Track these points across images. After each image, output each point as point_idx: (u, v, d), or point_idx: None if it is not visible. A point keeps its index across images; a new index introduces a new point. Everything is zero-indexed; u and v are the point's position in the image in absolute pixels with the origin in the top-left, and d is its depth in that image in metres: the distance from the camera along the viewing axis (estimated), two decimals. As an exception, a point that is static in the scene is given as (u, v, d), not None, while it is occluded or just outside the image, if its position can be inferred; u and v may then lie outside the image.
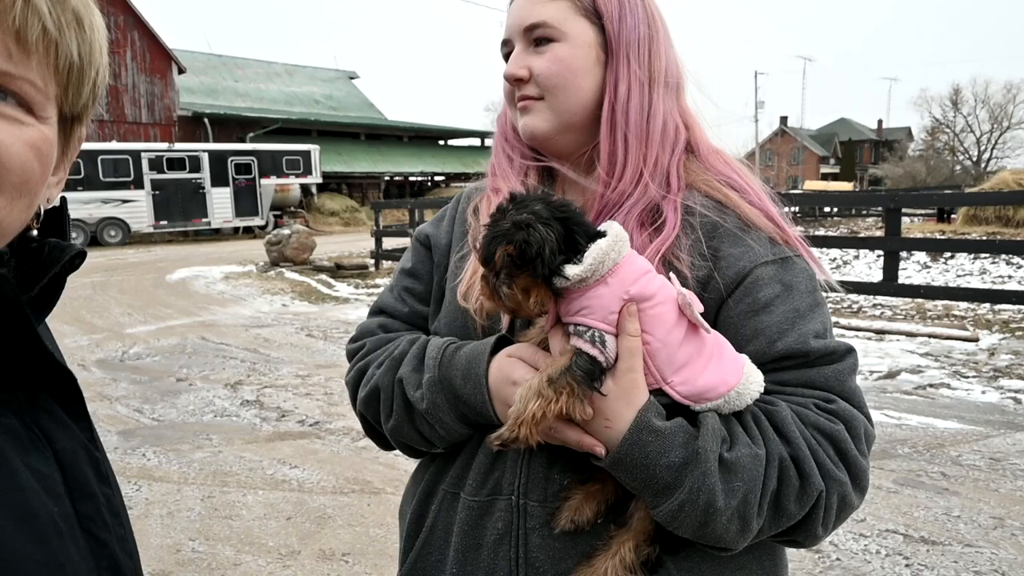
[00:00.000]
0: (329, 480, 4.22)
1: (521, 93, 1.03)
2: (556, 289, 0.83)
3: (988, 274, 11.82)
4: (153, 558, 3.33)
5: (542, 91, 1.02)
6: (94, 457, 0.65)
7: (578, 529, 0.91)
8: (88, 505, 0.61)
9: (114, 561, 0.62)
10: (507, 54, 1.06)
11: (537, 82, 1.01)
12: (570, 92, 1.01)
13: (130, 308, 10.81)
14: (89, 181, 23.18)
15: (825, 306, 0.97)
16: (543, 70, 1.01)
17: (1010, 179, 17.68)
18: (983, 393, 5.60)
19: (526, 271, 0.81)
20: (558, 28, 1.00)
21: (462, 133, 42.66)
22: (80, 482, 0.61)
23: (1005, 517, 3.53)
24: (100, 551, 0.61)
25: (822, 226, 23.81)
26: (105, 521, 0.62)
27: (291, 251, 15.72)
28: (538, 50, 1.01)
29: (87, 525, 0.60)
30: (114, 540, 0.63)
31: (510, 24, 1.04)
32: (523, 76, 1.02)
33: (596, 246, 0.81)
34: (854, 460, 0.87)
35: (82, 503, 0.61)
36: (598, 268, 0.81)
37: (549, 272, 0.81)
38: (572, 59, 1.00)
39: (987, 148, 63.19)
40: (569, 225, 0.82)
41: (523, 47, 1.02)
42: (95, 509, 0.62)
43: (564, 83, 1.00)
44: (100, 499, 0.63)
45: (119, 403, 5.86)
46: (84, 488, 0.62)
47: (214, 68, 39.00)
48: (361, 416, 1.09)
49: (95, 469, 0.64)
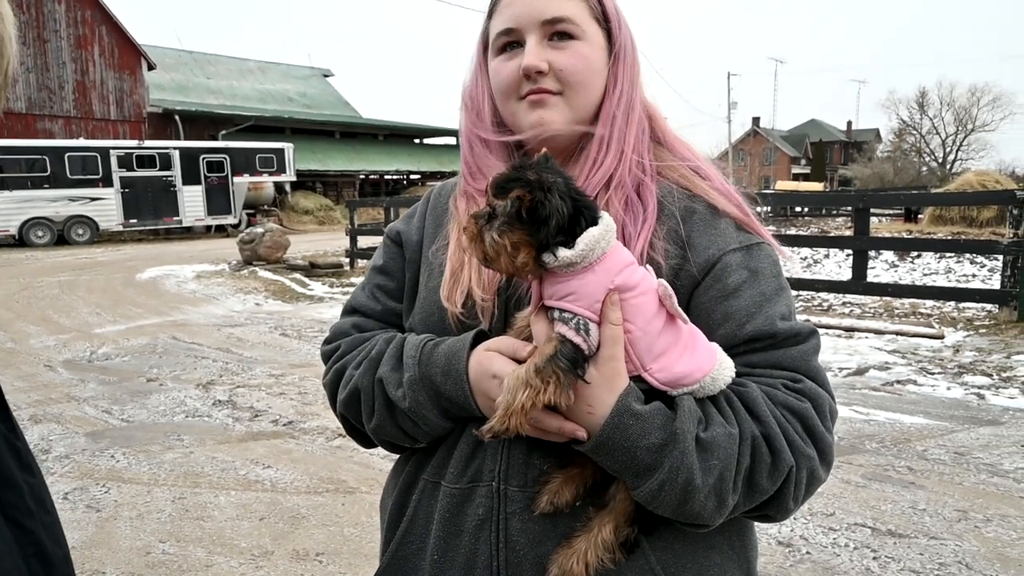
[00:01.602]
0: (303, 480, 4.18)
1: (538, 86, 1.01)
2: (542, 263, 0.84)
3: (953, 273, 12.10)
4: (123, 561, 3.28)
5: (562, 86, 1.01)
6: (14, 446, 0.64)
7: (557, 511, 0.92)
8: (10, 494, 0.61)
9: (40, 548, 0.62)
10: (506, 44, 1.03)
11: (558, 77, 1.00)
12: (589, 91, 1.02)
13: (99, 308, 10.60)
14: (56, 179, 22.70)
15: (789, 290, 1.01)
16: (567, 66, 1.00)
17: (974, 180, 18.12)
18: (948, 389, 5.74)
19: (526, 229, 0.82)
20: (579, 25, 1.00)
21: (437, 132, 42.49)
22: (1, 471, 0.61)
23: (969, 510, 3.63)
24: (25, 539, 0.60)
25: (793, 226, 24.14)
26: (29, 509, 0.62)
27: (264, 250, 15.54)
28: (557, 45, 1.00)
29: (10, 513, 0.60)
30: (40, 528, 0.63)
31: (520, 14, 1.01)
32: (544, 69, 1.00)
33: (589, 233, 0.83)
34: (821, 436, 0.91)
35: (4, 492, 0.60)
36: (588, 255, 0.83)
37: (546, 243, 0.82)
38: (591, 59, 1.01)
39: (952, 150, 64.73)
40: (578, 207, 0.83)
41: (539, 39, 1.00)
42: (18, 498, 0.61)
43: (585, 81, 1.01)
44: (23, 487, 0.63)
45: (87, 404, 5.75)
46: (5, 477, 0.61)
47: (185, 64, 38.41)
48: (342, 417, 1.09)
49: (16, 458, 0.64)
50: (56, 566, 0.63)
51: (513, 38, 1.02)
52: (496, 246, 0.83)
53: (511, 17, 1.02)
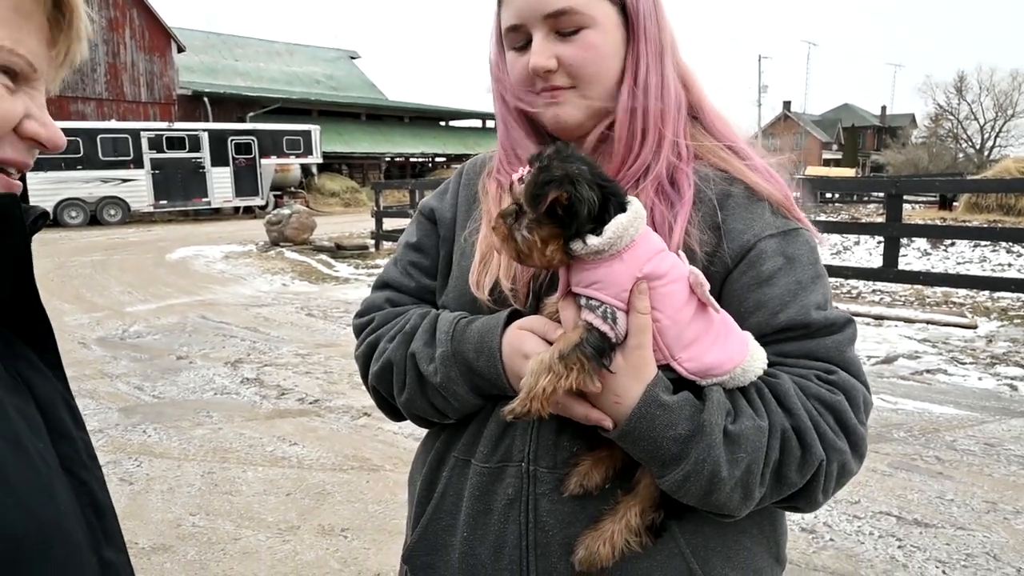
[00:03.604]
0: (328, 457, 4.25)
1: (549, 84, 0.98)
2: (569, 252, 0.83)
3: (988, 262, 11.81)
4: (154, 532, 3.37)
5: (573, 81, 0.97)
6: (71, 404, 0.67)
7: (587, 494, 0.92)
8: (67, 447, 0.64)
9: (94, 499, 0.65)
10: (516, 41, 1.00)
11: (568, 72, 0.97)
12: (603, 79, 0.98)
13: (130, 287, 10.82)
14: (88, 160, 23.07)
15: (826, 278, 0.98)
16: (575, 59, 0.96)
17: (1013, 167, 17.63)
18: (980, 379, 5.63)
19: (555, 223, 0.81)
20: (585, 13, 0.95)
21: (463, 114, 42.40)
22: (59, 425, 0.64)
23: (998, 501, 3.57)
24: (80, 489, 0.63)
25: (824, 212, 23.74)
26: (84, 463, 0.65)
27: (291, 231, 15.70)
28: (564, 37, 0.96)
29: (68, 465, 0.63)
30: (93, 480, 0.65)
31: (522, 7, 0.96)
32: (553, 67, 0.96)
33: (617, 221, 0.82)
34: (854, 429, 0.89)
35: (61, 444, 0.63)
36: (616, 243, 0.82)
37: (576, 234, 0.81)
38: (603, 45, 0.96)
39: (991, 136, 62.88)
40: (606, 194, 0.82)
41: (544, 34, 0.96)
42: (74, 451, 0.64)
43: (597, 71, 0.97)
44: (79, 442, 0.65)
45: (120, 380, 5.89)
46: (63, 431, 0.64)
47: (213, 47, 38.67)
48: (373, 389, 1.10)
49: (72, 415, 0.67)
50: (107, 515, 0.66)
51: (520, 35, 0.99)
52: (528, 243, 0.82)
53: (515, 12, 0.98)
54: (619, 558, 0.89)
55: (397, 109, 40.58)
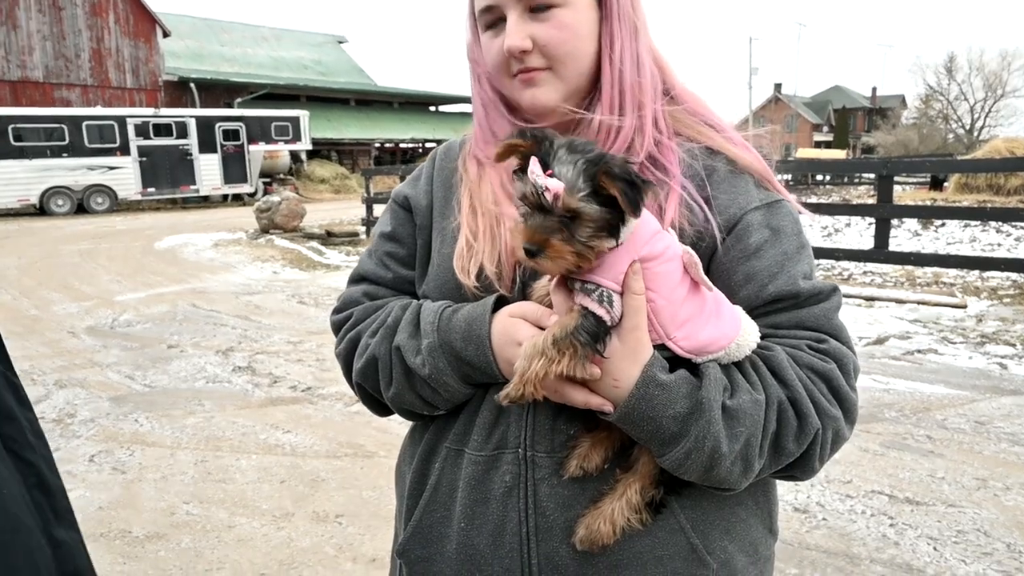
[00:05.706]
0: (322, 444, 4.24)
1: (524, 65, 0.97)
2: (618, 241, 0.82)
3: (978, 242, 11.88)
4: (148, 520, 3.35)
5: (548, 61, 0.97)
6: (12, 383, 0.66)
7: (587, 475, 0.92)
8: (10, 427, 0.62)
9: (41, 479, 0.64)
10: (490, 22, 0.99)
11: (543, 52, 0.96)
12: (578, 58, 0.97)
13: (119, 275, 10.73)
14: (74, 147, 22.84)
15: (809, 247, 1.00)
16: (550, 39, 0.95)
17: (1002, 147, 17.64)
18: (970, 359, 5.67)
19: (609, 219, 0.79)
20: None
21: (453, 99, 42.11)
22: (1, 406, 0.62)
23: (988, 478, 3.60)
24: (27, 470, 0.62)
25: (814, 194, 23.78)
26: (29, 442, 0.64)
27: (281, 218, 15.60)
28: (538, 16, 0.95)
29: (11, 446, 0.62)
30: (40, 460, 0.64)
31: None
32: (527, 47, 0.95)
33: None
34: (846, 396, 0.91)
35: (5, 425, 0.62)
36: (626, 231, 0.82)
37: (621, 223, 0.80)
38: (577, 24, 0.96)
39: (980, 116, 63.02)
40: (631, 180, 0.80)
41: (519, 15, 0.95)
42: (18, 431, 0.63)
43: (572, 50, 0.96)
44: (22, 422, 0.64)
45: (110, 370, 5.85)
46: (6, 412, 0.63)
47: (199, 32, 38.18)
48: (358, 387, 1.07)
49: (15, 394, 0.65)
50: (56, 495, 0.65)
51: (494, 16, 0.98)
52: (587, 249, 0.80)
53: None
54: (620, 536, 0.89)
55: (386, 94, 40.28)
